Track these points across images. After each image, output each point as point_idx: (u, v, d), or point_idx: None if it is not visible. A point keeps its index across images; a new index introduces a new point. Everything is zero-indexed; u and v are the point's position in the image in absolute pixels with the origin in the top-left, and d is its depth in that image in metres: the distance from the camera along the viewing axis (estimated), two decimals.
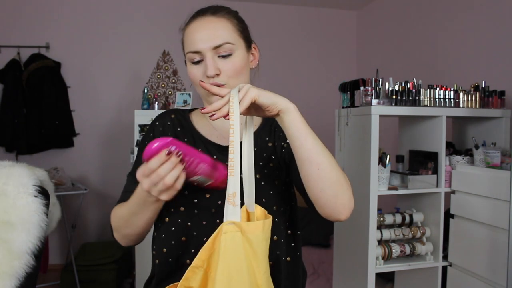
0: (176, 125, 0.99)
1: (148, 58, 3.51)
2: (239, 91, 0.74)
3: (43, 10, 3.63)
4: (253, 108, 0.78)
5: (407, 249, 2.19)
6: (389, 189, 2.17)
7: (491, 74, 2.56)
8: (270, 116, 0.78)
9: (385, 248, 2.17)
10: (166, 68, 2.91)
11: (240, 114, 0.73)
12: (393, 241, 2.23)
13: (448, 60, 3.03)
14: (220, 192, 0.86)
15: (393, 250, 2.17)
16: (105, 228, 3.81)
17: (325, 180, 0.77)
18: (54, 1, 3.66)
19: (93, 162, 3.77)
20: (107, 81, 3.77)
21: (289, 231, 0.94)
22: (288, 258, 0.94)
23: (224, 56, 0.89)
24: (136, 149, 2.66)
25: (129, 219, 0.87)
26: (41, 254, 1.38)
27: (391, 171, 2.23)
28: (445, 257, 2.23)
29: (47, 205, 1.40)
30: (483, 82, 2.32)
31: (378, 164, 2.11)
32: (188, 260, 0.88)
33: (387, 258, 2.17)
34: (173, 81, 2.91)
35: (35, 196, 1.36)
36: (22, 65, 3.49)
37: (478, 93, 2.28)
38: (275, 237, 0.90)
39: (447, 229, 2.20)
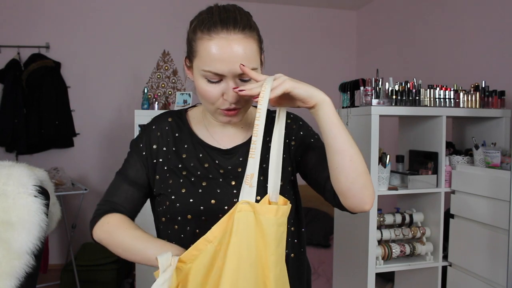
0: (174, 130, 0.97)
1: (148, 58, 3.51)
2: (274, 80, 0.76)
3: (43, 10, 3.63)
4: (287, 99, 0.79)
5: (407, 249, 2.19)
6: (389, 189, 2.17)
7: (491, 74, 2.57)
8: (303, 107, 0.80)
9: (385, 248, 2.16)
10: (166, 68, 2.91)
11: (271, 102, 0.75)
12: (393, 241, 2.23)
13: (448, 60, 3.03)
14: (225, 198, 0.88)
15: (393, 250, 2.17)
16: None
17: (356, 172, 0.79)
18: (54, 1, 3.66)
19: (93, 162, 3.77)
20: (107, 81, 3.77)
21: (292, 228, 0.95)
22: (292, 254, 0.95)
23: (245, 81, 0.83)
24: None
25: (122, 252, 0.89)
26: (41, 254, 1.38)
27: (391, 171, 2.23)
28: (445, 257, 2.23)
29: (47, 205, 1.40)
30: (483, 82, 2.32)
31: (378, 164, 2.11)
32: None
33: (387, 258, 2.17)
34: (173, 81, 2.91)
35: (35, 196, 1.36)
36: (22, 65, 3.49)
37: (478, 93, 2.28)
38: None
39: (447, 229, 2.20)
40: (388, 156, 2.13)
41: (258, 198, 0.77)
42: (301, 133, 0.97)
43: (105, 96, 3.78)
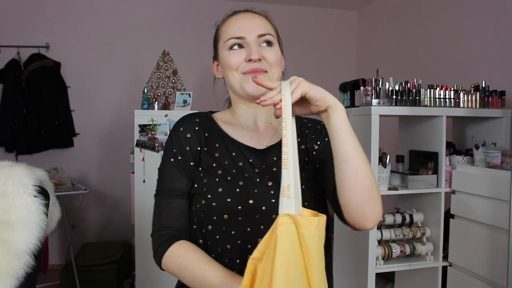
0: (204, 130, 0.96)
1: (148, 58, 3.51)
2: (290, 84, 0.76)
3: (43, 10, 3.63)
4: (300, 105, 0.78)
5: (407, 249, 2.19)
6: (389, 189, 2.17)
7: (491, 74, 2.56)
8: (317, 112, 0.78)
9: (385, 248, 2.16)
10: (166, 68, 2.91)
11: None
12: (393, 241, 2.22)
13: (448, 60, 3.03)
14: (263, 198, 0.86)
15: (393, 250, 2.17)
16: (105, 228, 3.81)
17: (360, 184, 0.77)
18: (54, 1, 3.66)
19: (93, 162, 3.77)
20: (107, 81, 3.77)
21: None
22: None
23: (266, 46, 0.91)
24: (136, 149, 2.65)
25: (191, 284, 0.86)
26: (41, 254, 1.37)
27: (391, 171, 2.23)
28: (445, 257, 2.22)
29: (47, 205, 1.40)
30: (483, 82, 2.32)
31: (378, 164, 2.11)
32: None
33: (387, 258, 2.17)
34: (173, 81, 2.91)
35: (35, 196, 1.36)
36: (22, 65, 3.49)
37: (478, 93, 2.28)
38: None
39: (447, 229, 2.19)
40: (388, 156, 2.13)
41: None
42: (326, 139, 0.95)
43: (105, 96, 3.77)
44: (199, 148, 0.93)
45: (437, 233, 2.21)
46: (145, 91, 2.78)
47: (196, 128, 0.95)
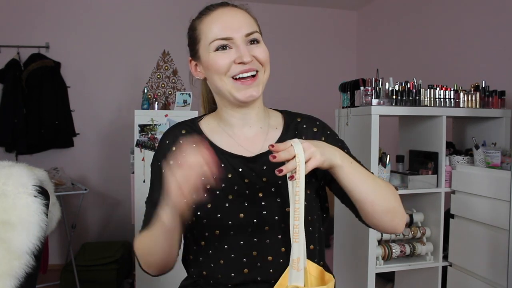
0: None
1: (148, 58, 3.51)
2: (304, 151, 0.74)
3: (43, 10, 3.63)
4: None
5: (407, 249, 2.19)
6: None
7: (491, 74, 2.56)
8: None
9: (385, 248, 2.16)
10: (166, 68, 2.91)
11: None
12: (393, 241, 2.23)
13: (448, 60, 3.03)
14: (254, 210, 0.85)
15: (393, 250, 2.17)
16: (105, 228, 3.81)
17: (380, 212, 0.83)
18: (54, 1, 3.66)
19: (93, 162, 3.77)
20: (107, 81, 3.77)
21: (311, 246, 0.91)
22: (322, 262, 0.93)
23: (254, 44, 0.87)
24: (136, 149, 2.65)
25: (151, 245, 0.84)
26: (41, 254, 1.37)
27: (391, 171, 2.23)
28: (445, 257, 2.23)
29: (47, 205, 1.40)
30: (483, 82, 2.32)
31: (378, 164, 2.11)
32: (230, 285, 0.86)
33: (387, 258, 2.17)
34: (173, 81, 2.91)
35: (35, 196, 1.36)
36: (22, 65, 3.49)
37: (478, 93, 2.28)
38: (311, 246, 0.89)
39: (447, 229, 2.20)
40: (388, 156, 2.13)
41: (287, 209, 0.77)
42: (323, 139, 0.93)
43: (105, 96, 3.77)
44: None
45: (437, 233, 2.21)
46: (145, 91, 2.78)
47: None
